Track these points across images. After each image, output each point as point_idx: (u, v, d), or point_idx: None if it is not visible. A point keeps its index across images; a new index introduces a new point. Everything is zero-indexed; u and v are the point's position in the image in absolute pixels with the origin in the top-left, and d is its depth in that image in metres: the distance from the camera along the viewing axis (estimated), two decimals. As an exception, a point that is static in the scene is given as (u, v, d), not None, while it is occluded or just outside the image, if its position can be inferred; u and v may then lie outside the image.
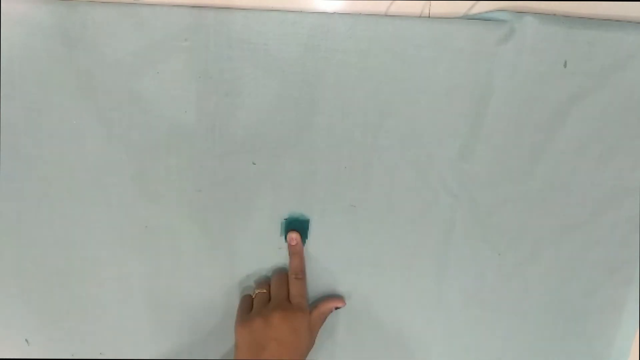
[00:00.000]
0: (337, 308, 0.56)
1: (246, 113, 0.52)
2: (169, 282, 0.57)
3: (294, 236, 0.55)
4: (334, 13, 0.49)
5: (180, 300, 0.58)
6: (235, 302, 0.56)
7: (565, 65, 0.50)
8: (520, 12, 0.49)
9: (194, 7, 0.49)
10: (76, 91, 0.51)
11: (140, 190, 0.54)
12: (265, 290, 0.54)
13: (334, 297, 0.56)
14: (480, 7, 0.49)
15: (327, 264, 0.57)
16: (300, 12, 0.49)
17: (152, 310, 0.58)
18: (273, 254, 0.57)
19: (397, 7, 0.50)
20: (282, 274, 0.55)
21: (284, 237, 0.55)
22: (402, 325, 0.58)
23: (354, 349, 0.59)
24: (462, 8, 0.50)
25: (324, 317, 0.55)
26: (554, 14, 0.50)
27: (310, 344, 0.52)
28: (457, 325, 0.58)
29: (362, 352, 0.59)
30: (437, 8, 0.49)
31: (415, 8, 0.50)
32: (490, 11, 0.49)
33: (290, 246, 0.55)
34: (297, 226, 0.55)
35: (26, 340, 0.59)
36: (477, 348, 0.59)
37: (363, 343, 0.59)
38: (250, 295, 0.55)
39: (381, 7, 0.49)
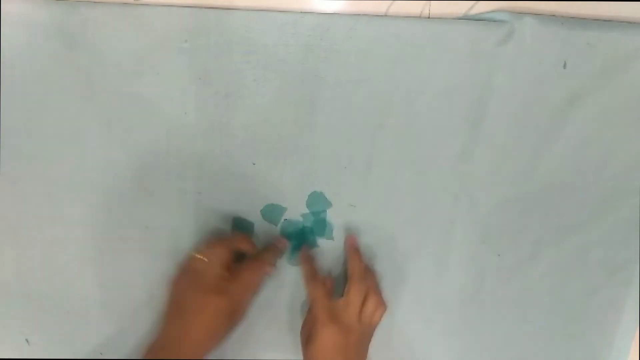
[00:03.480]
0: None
1: (246, 113, 0.52)
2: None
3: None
4: (334, 13, 0.49)
5: (180, 301, 0.58)
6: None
7: (564, 66, 0.50)
8: (520, 13, 0.49)
9: (194, 7, 0.49)
10: (76, 91, 0.51)
11: (140, 190, 0.54)
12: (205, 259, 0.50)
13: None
14: (480, 8, 0.49)
15: (327, 263, 0.57)
16: (300, 12, 0.49)
17: (152, 310, 0.58)
18: (273, 254, 0.57)
19: (397, 8, 0.50)
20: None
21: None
22: (402, 325, 0.58)
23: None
24: (462, 8, 0.50)
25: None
26: (554, 15, 0.50)
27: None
28: (457, 325, 0.58)
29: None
30: (437, 8, 0.49)
31: (415, 8, 0.50)
32: (490, 11, 0.49)
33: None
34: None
35: (26, 340, 0.59)
36: (477, 348, 0.59)
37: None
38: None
39: (381, 8, 0.50)
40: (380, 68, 0.50)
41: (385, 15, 0.50)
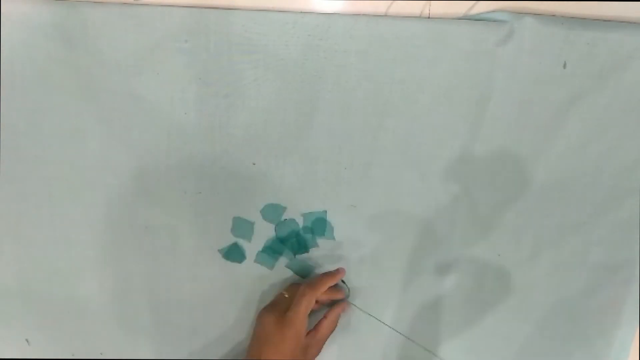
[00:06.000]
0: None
1: (246, 113, 0.52)
2: (169, 282, 0.57)
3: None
4: (334, 13, 0.49)
5: (180, 300, 0.58)
6: (235, 302, 0.57)
7: (564, 66, 0.50)
8: (520, 13, 0.49)
9: (194, 7, 0.49)
10: (76, 91, 0.51)
11: (140, 190, 0.54)
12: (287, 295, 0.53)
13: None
14: (480, 8, 0.50)
15: (327, 264, 0.57)
16: (300, 12, 0.49)
17: (152, 310, 0.58)
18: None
19: (397, 7, 0.50)
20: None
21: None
22: (402, 325, 0.58)
23: (354, 349, 0.59)
24: (462, 8, 0.50)
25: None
26: (554, 15, 0.50)
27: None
28: (457, 325, 0.58)
29: (363, 352, 0.59)
30: (437, 8, 0.49)
31: (415, 8, 0.50)
32: (490, 11, 0.49)
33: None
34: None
35: (26, 340, 0.59)
36: (477, 348, 0.59)
37: (363, 343, 0.59)
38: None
39: (381, 8, 0.50)
40: (380, 68, 0.50)
41: (385, 15, 0.50)
